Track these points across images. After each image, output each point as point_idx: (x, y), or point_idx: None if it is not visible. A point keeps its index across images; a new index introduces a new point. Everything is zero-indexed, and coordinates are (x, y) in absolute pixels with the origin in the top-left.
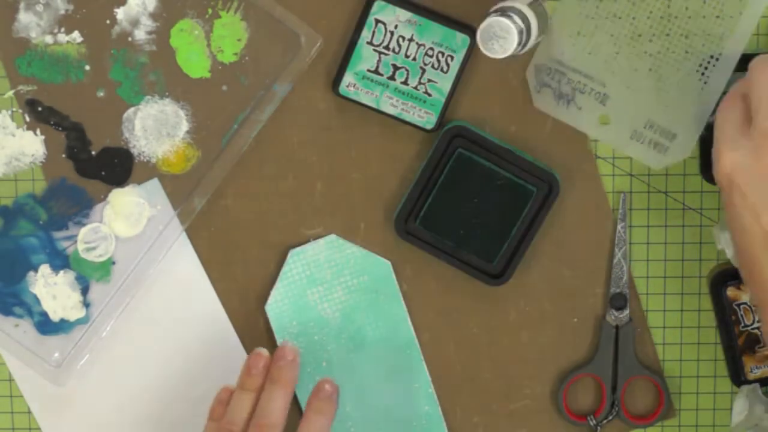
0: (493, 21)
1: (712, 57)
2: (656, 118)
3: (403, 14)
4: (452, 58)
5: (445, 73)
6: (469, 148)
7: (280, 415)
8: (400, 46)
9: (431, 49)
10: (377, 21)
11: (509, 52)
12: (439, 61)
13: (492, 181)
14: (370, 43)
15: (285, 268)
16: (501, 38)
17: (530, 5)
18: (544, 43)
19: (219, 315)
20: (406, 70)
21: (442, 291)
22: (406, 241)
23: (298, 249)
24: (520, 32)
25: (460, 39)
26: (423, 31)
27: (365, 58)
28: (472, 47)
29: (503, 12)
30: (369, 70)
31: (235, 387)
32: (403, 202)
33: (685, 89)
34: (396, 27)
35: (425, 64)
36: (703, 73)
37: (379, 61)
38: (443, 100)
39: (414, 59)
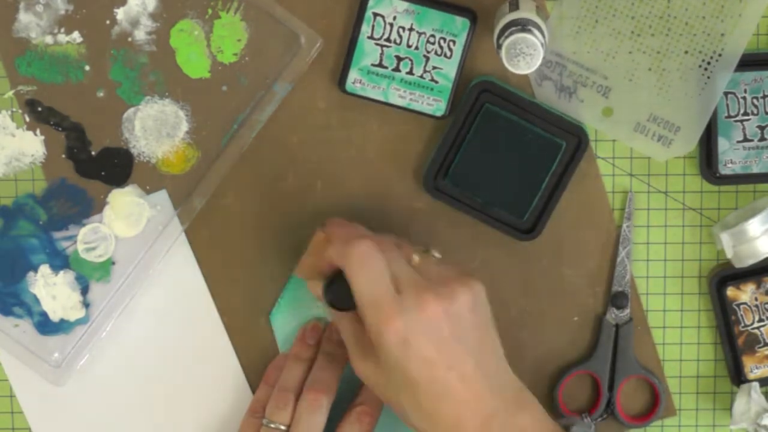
0: (519, 38)
1: (714, 53)
2: (660, 111)
3: (400, 5)
4: (454, 42)
5: (449, 58)
6: (497, 102)
7: (332, 384)
8: (400, 36)
9: (432, 36)
10: (375, 14)
11: (535, 68)
12: (441, 47)
13: (520, 135)
14: (371, 37)
15: (290, 281)
16: (528, 55)
17: (538, 14)
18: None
19: (215, 317)
20: (410, 60)
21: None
22: (435, 198)
23: None
24: (542, 46)
25: (460, 22)
26: (422, 20)
27: (368, 52)
28: (473, 30)
29: (523, 27)
30: (373, 65)
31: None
32: (432, 159)
33: (688, 84)
34: (394, 18)
35: (428, 52)
36: (705, 69)
37: (381, 54)
38: (450, 85)
39: (416, 48)
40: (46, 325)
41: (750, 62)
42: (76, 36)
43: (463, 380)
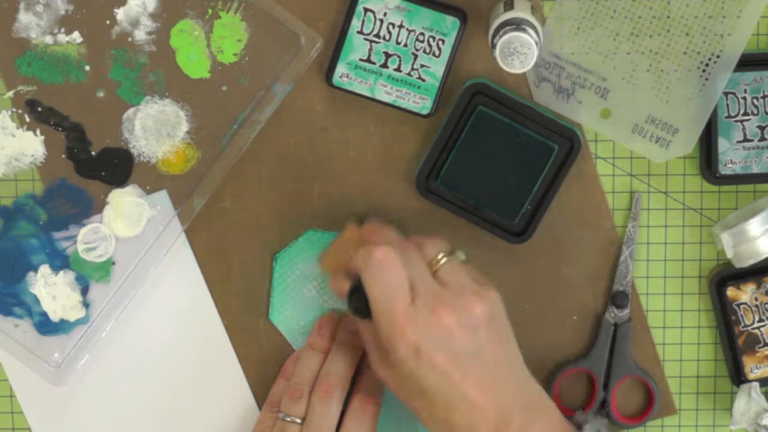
0: (513, 37)
1: (713, 54)
2: (658, 112)
3: (391, 1)
4: (443, 42)
5: (437, 57)
6: (490, 105)
7: (345, 376)
8: (390, 33)
9: (422, 34)
10: (366, 10)
11: (529, 67)
12: (430, 45)
13: (513, 138)
14: (361, 32)
15: (274, 275)
16: (522, 54)
17: (533, 14)
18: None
19: (215, 318)
20: (398, 57)
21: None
22: (426, 199)
23: (280, 253)
24: (536, 45)
25: (450, 22)
26: (412, 17)
27: (356, 47)
28: (463, 30)
29: (517, 26)
30: (361, 60)
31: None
32: (424, 160)
33: (687, 86)
34: (385, 14)
35: (417, 50)
36: (704, 70)
37: (370, 49)
38: (437, 84)
39: (405, 45)
40: (46, 326)
41: (750, 62)
42: (76, 36)
43: (476, 390)
